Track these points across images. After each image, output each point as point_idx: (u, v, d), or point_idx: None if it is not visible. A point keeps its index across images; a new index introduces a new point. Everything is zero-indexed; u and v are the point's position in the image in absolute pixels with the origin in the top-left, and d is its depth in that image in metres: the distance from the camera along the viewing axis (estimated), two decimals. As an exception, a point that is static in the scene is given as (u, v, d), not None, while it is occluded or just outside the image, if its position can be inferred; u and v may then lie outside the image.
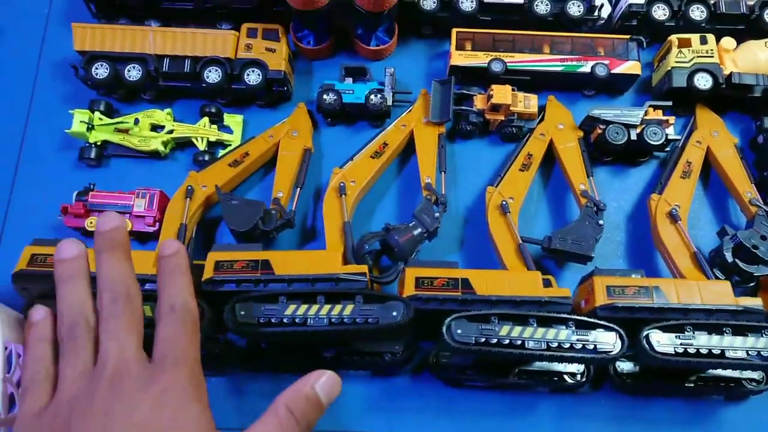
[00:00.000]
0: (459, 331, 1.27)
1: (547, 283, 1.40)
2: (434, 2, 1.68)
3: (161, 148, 1.63)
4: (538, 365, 1.41)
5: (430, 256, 1.55)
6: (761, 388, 1.41)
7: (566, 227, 1.50)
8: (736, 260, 1.45)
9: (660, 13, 1.68)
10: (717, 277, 1.48)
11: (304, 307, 1.29)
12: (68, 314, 0.81)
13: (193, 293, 0.86)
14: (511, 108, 1.61)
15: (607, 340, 1.27)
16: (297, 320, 1.28)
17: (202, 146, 1.65)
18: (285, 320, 1.28)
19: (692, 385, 1.43)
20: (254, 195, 1.64)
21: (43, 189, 1.63)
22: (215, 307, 1.29)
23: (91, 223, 1.54)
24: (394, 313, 1.28)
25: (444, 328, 1.27)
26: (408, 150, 1.66)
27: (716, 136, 1.64)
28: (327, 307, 1.29)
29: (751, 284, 1.50)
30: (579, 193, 1.55)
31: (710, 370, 1.41)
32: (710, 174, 1.68)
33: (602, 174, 1.68)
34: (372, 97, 1.63)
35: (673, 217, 1.52)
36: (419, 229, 1.48)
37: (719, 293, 1.36)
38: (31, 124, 1.71)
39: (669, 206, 1.54)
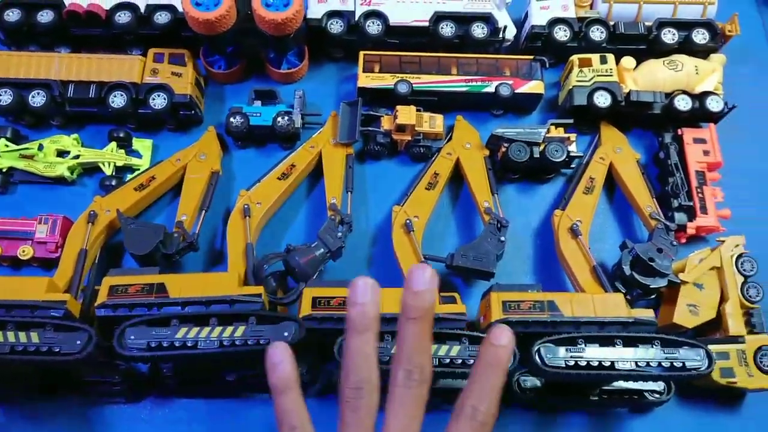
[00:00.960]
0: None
1: (450, 300, 1.41)
2: (341, 26, 1.71)
3: (67, 173, 1.62)
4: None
5: (337, 275, 1.56)
6: (663, 399, 1.43)
7: (469, 244, 1.51)
8: (634, 273, 1.47)
9: (561, 34, 1.73)
10: (618, 291, 1.50)
11: (195, 330, 1.28)
12: (355, 373, 0.75)
13: (499, 403, 0.76)
14: (416, 128, 1.64)
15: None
16: (188, 343, 1.26)
17: (108, 171, 1.64)
18: (176, 344, 1.26)
19: (596, 398, 1.44)
20: (162, 219, 1.63)
21: (-53, 217, 1.61)
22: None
23: (-10, 250, 1.52)
24: (286, 334, 1.28)
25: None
26: (318, 171, 1.67)
27: (619, 152, 1.68)
28: (218, 329, 1.28)
29: (652, 296, 1.52)
30: (483, 210, 1.57)
31: (614, 383, 1.42)
32: (616, 189, 1.71)
33: (510, 191, 1.70)
34: (279, 119, 1.64)
35: (574, 232, 1.54)
36: (321, 250, 1.48)
37: (612, 306, 1.38)
38: (-64, 152, 1.69)
39: (571, 221, 1.56)
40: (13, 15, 1.66)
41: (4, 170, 1.63)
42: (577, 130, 1.72)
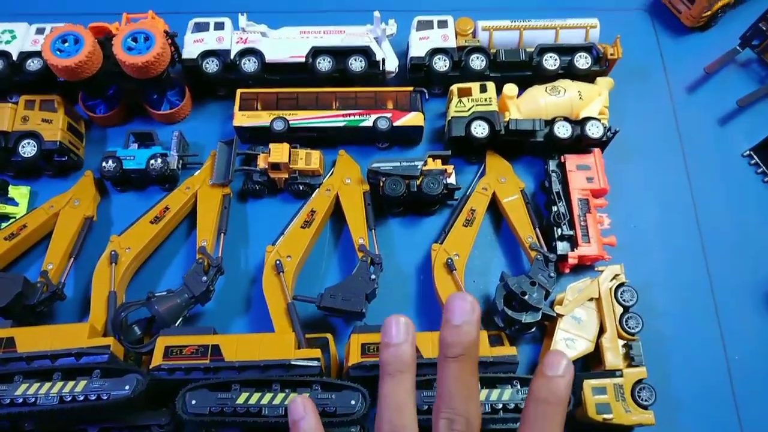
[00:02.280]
0: (194, 402, 1.24)
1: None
2: (217, 65, 1.69)
3: (-60, 224, 1.60)
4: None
5: (209, 317, 1.53)
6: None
7: (339, 284, 1.47)
8: (505, 308, 1.43)
9: (441, 64, 1.70)
10: (496, 328, 1.46)
11: (36, 385, 1.25)
12: (388, 422, 0.65)
13: None
14: (291, 165, 1.61)
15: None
16: (28, 400, 1.23)
17: (-17, 220, 1.62)
18: (16, 401, 1.23)
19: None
20: (37, 267, 1.60)
21: None
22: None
23: None
24: (127, 387, 1.24)
25: (180, 400, 1.24)
26: (194, 212, 1.64)
27: (503, 182, 1.64)
28: (59, 384, 1.25)
29: (532, 330, 1.48)
30: (357, 247, 1.54)
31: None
32: (502, 220, 1.67)
33: (394, 226, 1.67)
34: (152, 162, 1.62)
35: (449, 267, 1.50)
36: (185, 295, 1.45)
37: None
38: None
39: (448, 255, 1.52)
40: None
41: None
42: (464, 159, 1.69)
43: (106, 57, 1.58)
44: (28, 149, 1.61)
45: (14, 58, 1.66)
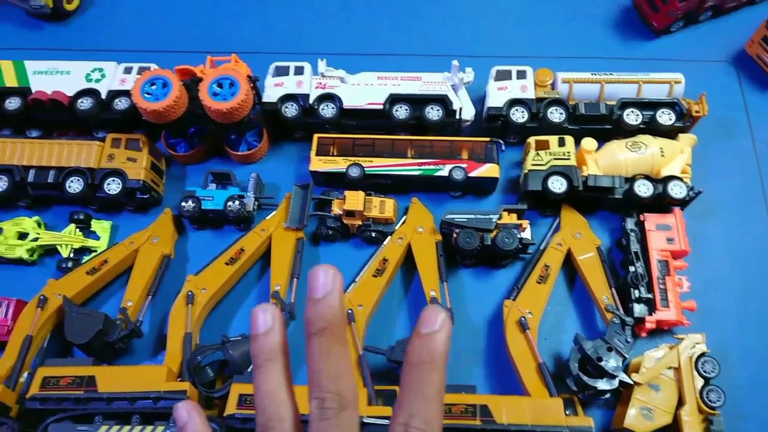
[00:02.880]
0: None
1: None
2: (296, 109, 1.71)
3: (26, 255, 1.66)
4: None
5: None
6: None
7: (408, 338, 1.46)
8: (580, 373, 1.39)
9: (519, 115, 1.69)
10: (569, 391, 1.42)
11: (115, 428, 1.29)
12: (262, 413, 0.61)
13: (441, 411, 0.59)
14: (365, 213, 1.61)
15: None
16: (105, 444, 1.27)
17: (65, 253, 1.68)
18: (95, 443, 1.27)
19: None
20: (115, 302, 1.65)
21: None
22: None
23: (-56, 332, 1.56)
24: (203, 436, 1.26)
25: None
26: (268, 254, 1.66)
27: (579, 238, 1.61)
28: (138, 428, 1.28)
29: (606, 396, 1.44)
30: (429, 299, 1.53)
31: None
32: (576, 276, 1.63)
33: (465, 277, 1.65)
34: (230, 203, 1.65)
35: (522, 326, 1.48)
36: (258, 341, 1.46)
37: (549, 412, 1.31)
38: None
39: (521, 313, 1.50)
40: (-18, 102, 1.73)
41: (-31, 250, 1.69)
42: (538, 211, 1.67)
43: (191, 99, 1.63)
44: (112, 186, 1.66)
45: (103, 96, 1.72)
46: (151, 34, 2.03)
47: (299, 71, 1.75)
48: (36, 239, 1.68)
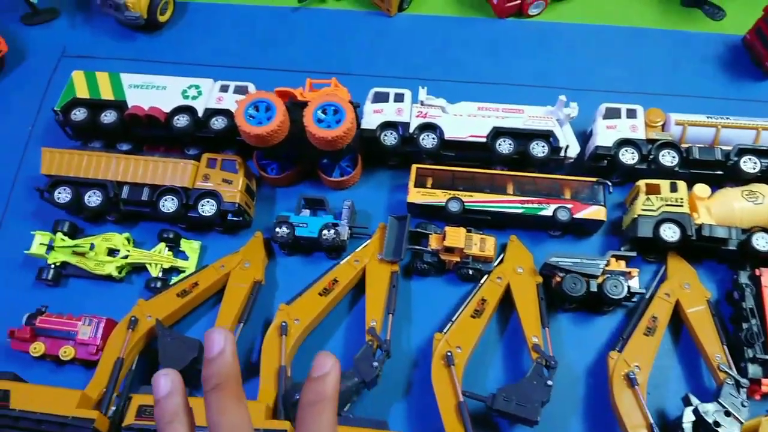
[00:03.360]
0: None
1: None
2: (395, 138, 1.67)
3: (115, 272, 1.64)
4: None
5: (371, 401, 1.49)
6: None
7: (513, 385, 1.41)
8: (695, 437, 1.33)
9: (628, 156, 1.62)
10: (679, 453, 1.35)
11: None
12: None
13: None
14: (465, 250, 1.56)
15: None
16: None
17: (155, 272, 1.65)
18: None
19: None
20: (204, 325, 1.62)
21: (1, 307, 1.66)
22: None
23: (35, 348, 1.54)
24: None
25: None
26: (360, 285, 1.62)
27: (687, 289, 1.54)
28: None
29: (717, 463, 1.37)
30: (531, 346, 1.47)
31: None
32: (682, 328, 1.56)
33: (564, 321, 1.59)
34: (325, 231, 1.61)
35: (631, 381, 1.41)
36: (355, 379, 1.42)
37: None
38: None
39: (628, 367, 1.43)
40: (79, 114, 1.72)
41: (58, 264, 1.67)
42: (641, 258, 1.60)
43: (291, 122, 1.59)
44: (207, 208, 1.63)
45: (199, 114, 1.69)
46: (242, 50, 2.01)
47: (399, 98, 1.70)
48: (126, 257, 1.65)
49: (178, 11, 2.07)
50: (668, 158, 1.61)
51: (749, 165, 1.59)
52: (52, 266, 1.66)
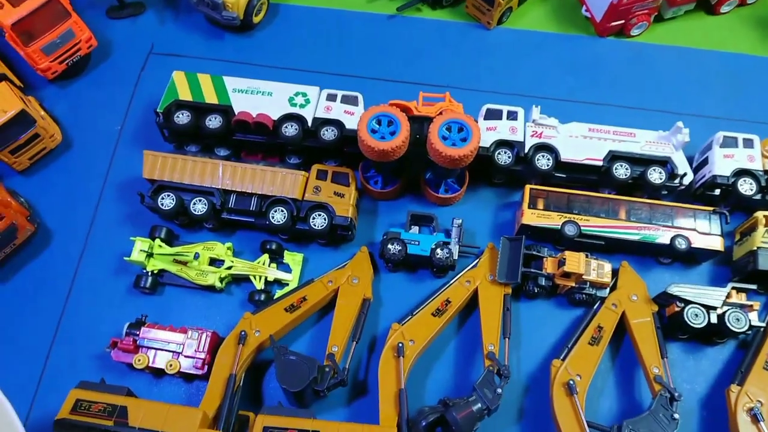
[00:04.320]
0: None
1: None
2: (509, 157, 1.64)
3: (218, 283, 1.59)
4: None
5: (485, 429, 1.46)
6: None
7: (637, 418, 1.39)
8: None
9: (747, 187, 1.60)
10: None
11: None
12: None
13: None
14: (583, 276, 1.54)
15: None
16: None
17: (259, 285, 1.61)
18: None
19: None
20: (307, 340, 1.58)
21: (95, 314, 1.60)
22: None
23: (139, 360, 1.49)
24: None
25: None
26: (468, 306, 1.59)
27: (803, 323, 1.53)
28: None
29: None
30: (652, 377, 1.45)
31: None
32: (797, 362, 1.55)
33: (676, 351, 1.57)
34: (438, 251, 1.58)
35: (756, 417, 1.40)
36: (479, 405, 1.39)
37: None
38: (91, 244, 1.69)
39: (751, 402, 1.42)
40: (182, 117, 1.66)
41: (155, 271, 1.61)
42: (757, 293, 1.59)
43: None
44: (318, 221, 1.59)
45: (309, 123, 1.65)
46: (335, 55, 1.96)
47: (512, 116, 1.67)
48: (230, 267, 1.60)
49: (271, 12, 2.02)
50: (787, 190, 1.60)
51: None
52: (150, 274, 1.60)
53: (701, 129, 1.73)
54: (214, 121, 1.65)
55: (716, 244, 1.58)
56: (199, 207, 1.60)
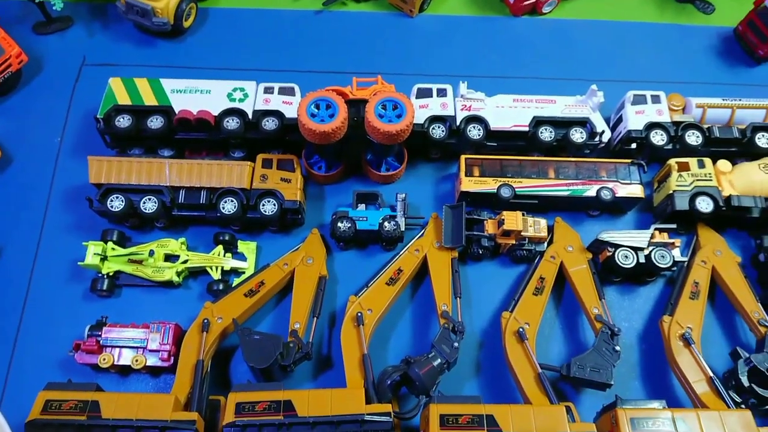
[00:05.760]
0: None
1: (569, 412, 1.40)
2: (443, 131, 1.74)
3: (175, 278, 1.63)
4: None
5: (448, 384, 1.55)
6: None
7: (584, 354, 1.51)
8: (753, 385, 1.46)
9: (658, 138, 1.76)
10: (735, 402, 1.48)
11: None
12: None
13: None
14: (522, 233, 1.65)
15: None
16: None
17: (216, 275, 1.65)
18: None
19: None
20: (269, 323, 1.64)
21: (54, 321, 1.61)
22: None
23: (104, 359, 1.51)
24: (424, 458, 1.27)
25: None
26: (420, 273, 1.68)
27: (719, 255, 1.69)
28: None
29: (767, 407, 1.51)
30: (593, 317, 1.57)
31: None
32: (716, 292, 1.71)
33: (611, 293, 1.71)
34: (386, 224, 1.66)
35: (686, 341, 1.54)
36: (439, 360, 1.47)
37: (742, 424, 1.36)
38: (42, 255, 1.69)
39: (681, 329, 1.56)
40: (123, 121, 1.69)
41: (111, 274, 1.64)
42: (676, 232, 1.74)
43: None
44: (268, 207, 1.65)
45: (250, 116, 1.71)
46: (266, 53, 2.03)
47: (442, 93, 1.78)
48: (186, 261, 1.64)
49: (200, 17, 2.07)
50: (693, 138, 1.76)
51: (763, 141, 1.77)
52: (106, 276, 1.62)
53: (614, 92, 1.87)
54: (155, 122, 1.69)
55: (637, 191, 1.73)
56: (149, 206, 1.63)
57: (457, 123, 1.75)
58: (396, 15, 2.12)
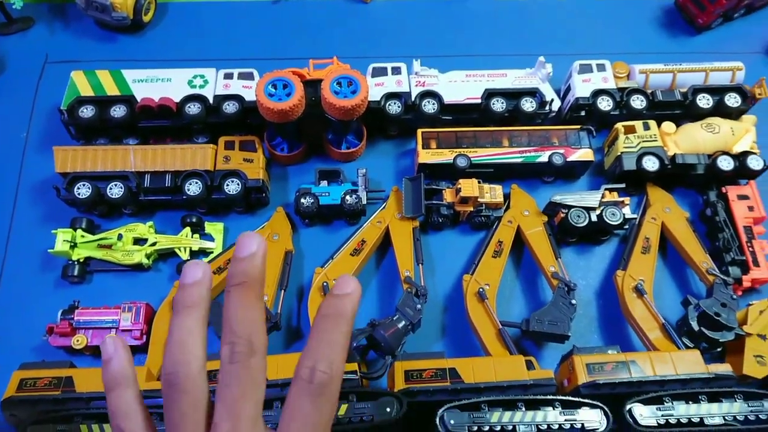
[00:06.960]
0: (452, 422, 1.32)
1: (529, 366, 1.46)
2: (399, 107, 1.80)
3: (145, 260, 1.67)
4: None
5: (415, 346, 1.60)
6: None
7: (542, 309, 1.58)
8: (702, 328, 1.54)
9: (605, 104, 1.84)
10: (686, 346, 1.56)
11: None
12: (170, 359, 0.65)
13: (344, 358, 0.67)
14: (479, 199, 1.72)
15: (593, 418, 1.34)
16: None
17: (185, 256, 1.69)
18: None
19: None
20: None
21: (27, 310, 1.64)
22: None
23: (77, 341, 1.55)
24: (388, 409, 1.32)
25: (437, 419, 1.32)
26: (384, 244, 1.74)
27: (668, 212, 1.77)
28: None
29: (718, 349, 1.59)
30: (550, 275, 1.64)
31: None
32: (667, 247, 1.79)
33: (568, 254, 1.78)
34: (347, 197, 1.72)
35: (639, 292, 1.61)
36: (403, 322, 1.53)
37: (691, 362, 1.44)
38: (12, 247, 1.73)
39: (634, 281, 1.64)
40: (87, 111, 1.74)
41: (81, 260, 1.67)
42: (627, 193, 1.82)
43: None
44: (232, 187, 1.70)
45: (210, 101, 1.76)
46: (226, 45, 2.09)
47: (396, 71, 1.85)
48: (154, 244, 1.68)
49: (159, 11, 2.12)
50: (637, 102, 1.85)
51: (703, 102, 1.86)
52: (77, 263, 1.66)
53: (565, 65, 1.95)
54: (118, 111, 1.73)
55: (588, 155, 1.81)
56: (115, 191, 1.68)
57: (412, 98, 1.81)
58: (351, 1, 2.18)
